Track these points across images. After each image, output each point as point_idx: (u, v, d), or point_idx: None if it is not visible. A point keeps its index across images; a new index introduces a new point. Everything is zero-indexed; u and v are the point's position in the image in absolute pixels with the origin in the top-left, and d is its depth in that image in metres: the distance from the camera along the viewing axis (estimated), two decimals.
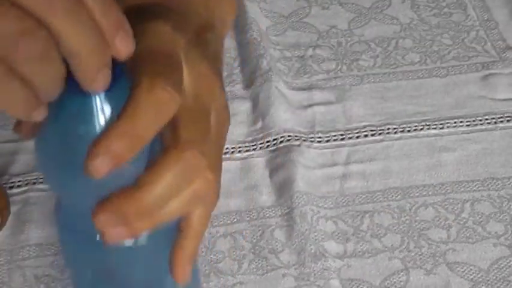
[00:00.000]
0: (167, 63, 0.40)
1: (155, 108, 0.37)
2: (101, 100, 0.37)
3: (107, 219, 0.38)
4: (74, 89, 0.36)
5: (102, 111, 0.37)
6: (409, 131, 0.67)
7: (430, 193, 0.63)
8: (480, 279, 0.57)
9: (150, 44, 0.40)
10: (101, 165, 0.36)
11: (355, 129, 0.67)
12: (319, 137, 0.67)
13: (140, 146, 0.37)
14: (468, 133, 0.67)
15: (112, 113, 0.37)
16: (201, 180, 0.41)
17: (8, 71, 0.33)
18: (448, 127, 0.68)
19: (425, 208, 0.62)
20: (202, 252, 0.59)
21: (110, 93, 0.37)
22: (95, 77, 0.35)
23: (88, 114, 0.37)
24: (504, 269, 0.58)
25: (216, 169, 0.42)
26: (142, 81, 0.37)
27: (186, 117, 0.40)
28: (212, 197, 0.43)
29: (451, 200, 0.62)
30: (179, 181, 0.40)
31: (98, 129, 0.37)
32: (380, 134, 0.67)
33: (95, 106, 0.37)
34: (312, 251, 0.59)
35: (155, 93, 0.37)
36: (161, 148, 0.40)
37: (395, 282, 0.57)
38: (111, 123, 0.37)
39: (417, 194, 0.63)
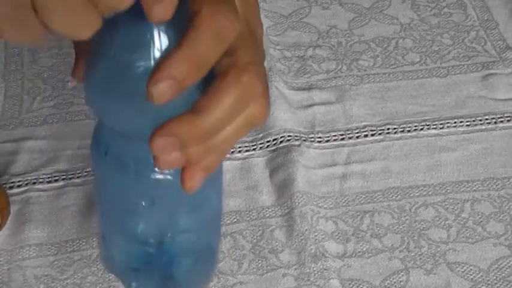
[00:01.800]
0: None
1: (217, 35, 0.37)
2: (160, 26, 0.38)
3: (164, 143, 0.38)
4: (132, 14, 0.36)
5: (161, 37, 0.38)
6: (409, 131, 0.67)
7: (430, 193, 0.63)
8: (480, 279, 0.57)
9: None
10: (163, 90, 0.36)
11: (355, 129, 0.67)
12: (319, 137, 0.67)
13: (202, 73, 0.37)
14: (468, 133, 0.67)
15: (170, 40, 0.38)
16: (256, 105, 0.41)
17: None
18: (448, 127, 0.68)
19: (425, 208, 0.62)
20: None
21: (169, 20, 0.37)
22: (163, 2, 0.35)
23: (147, 40, 0.38)
24: (504, 269, 0.58)
25: (267, 93, 0.42)
26: (203, 8, 0.37)
27: (241, 42, 0.40)
28: (261, 122, 0.42)
29: (451, 200, 0.62)
30: (236, 106, 0.39)
31: (156, 56, 0.38)
32: (380, 134, 0.67)
33: (154, 32, 0.38)
34: (312, 251, 0.59)
35: (217, 20, 0.37)
36: (217, 73, 0.40)
37: (395, 282, 0.57)
38: (171, 50, 0.37)
39: (417, 194, 0.63)
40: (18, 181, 0.63)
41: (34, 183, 0.63)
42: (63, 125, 0.67)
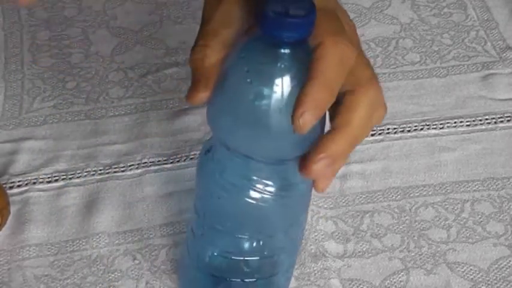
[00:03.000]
0: (332, 19, 0.43)
1: (341, 61, 0.42)
2: (289, 58, 0.41)
3: (320, 168, 0.43)
4: (265, 41, 0.40)
5: (290, 69, 0.41)
6: (409, 131, 0.67)
7: (430, 193, 0.63)
8: (480, 279, 0.57)
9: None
10: (309, 120, 0.40)
11: None
12: None
13: (334, 96, 0.41)
14: (468, 133, 0.67)
15: (297, 71, 0.41)
16: (381, 109, 0.45)
17: None
18: (448, 127, 0.68)
19: (425, 208, 0.62)
20: None
21: (296, 52, 0.41)
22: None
23: (279, 69, 0.41)
24: (504, 269, 0.58)
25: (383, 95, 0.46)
26: (326, 39, 0.41)
27: (357, 62, 0.44)
28: (382, 119, 0.46)
29: (451, 200, 0.62)
30: (369, 115, 0.44)
31: (288, 85, 0.41)
32: (380, 134, 0.67)
33: (286, 62, 0.41)
34: (312, 251, 0.59)
35: (340, 48, 0.42)
36: (343, 92, 0.43)
37: (395, 282, 0.57)
38: (307, 81, 0.40)
39: (417, 194, 0.63)
40: (18, 181, 0.63)
41: (34, 183, 0.63)
42: (63, 125, 0.67)
